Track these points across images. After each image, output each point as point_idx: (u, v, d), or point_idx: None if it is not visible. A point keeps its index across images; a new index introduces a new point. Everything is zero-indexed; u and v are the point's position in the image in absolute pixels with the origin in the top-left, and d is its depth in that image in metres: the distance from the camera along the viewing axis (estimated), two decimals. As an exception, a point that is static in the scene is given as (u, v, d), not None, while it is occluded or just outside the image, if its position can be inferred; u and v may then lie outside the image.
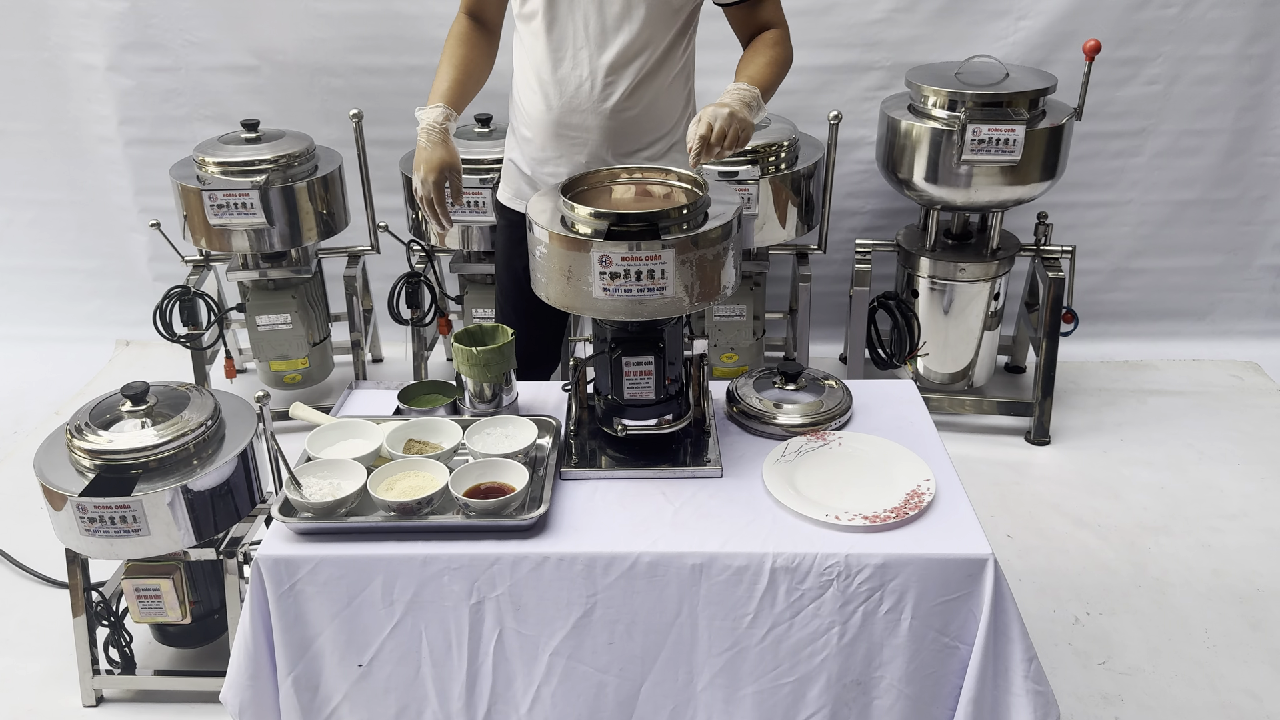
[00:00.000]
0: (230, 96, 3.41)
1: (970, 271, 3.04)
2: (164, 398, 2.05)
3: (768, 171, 2.88)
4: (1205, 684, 2.22)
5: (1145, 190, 3.47)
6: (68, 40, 3.40)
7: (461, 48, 2.07)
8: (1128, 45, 3.25)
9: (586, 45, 1.97)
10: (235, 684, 1.60)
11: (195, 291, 3.14)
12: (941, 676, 1.54)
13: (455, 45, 2.08)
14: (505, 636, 1.57)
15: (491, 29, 2.14)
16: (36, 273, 3.82)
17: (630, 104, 2.03)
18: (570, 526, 1.59)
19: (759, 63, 2.00)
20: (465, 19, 2.12)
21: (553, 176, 2.08)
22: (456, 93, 2.02)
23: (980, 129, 2.76)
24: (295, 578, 1.55)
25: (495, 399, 1.87)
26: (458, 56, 2.06)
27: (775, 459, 1.72)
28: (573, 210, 1.62)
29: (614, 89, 2.00)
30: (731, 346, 3.23)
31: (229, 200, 2.92)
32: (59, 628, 2.38)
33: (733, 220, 1.64)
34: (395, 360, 3.71)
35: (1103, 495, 2.86)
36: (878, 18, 3.22)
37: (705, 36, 2.19)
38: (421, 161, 1.98)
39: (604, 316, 1.65)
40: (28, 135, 3.59)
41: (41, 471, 1.98)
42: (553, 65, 2.00)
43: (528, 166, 2.14)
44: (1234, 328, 3.67)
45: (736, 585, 1.53)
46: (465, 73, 2.05)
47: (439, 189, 1.98)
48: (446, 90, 2.01)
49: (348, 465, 1.68)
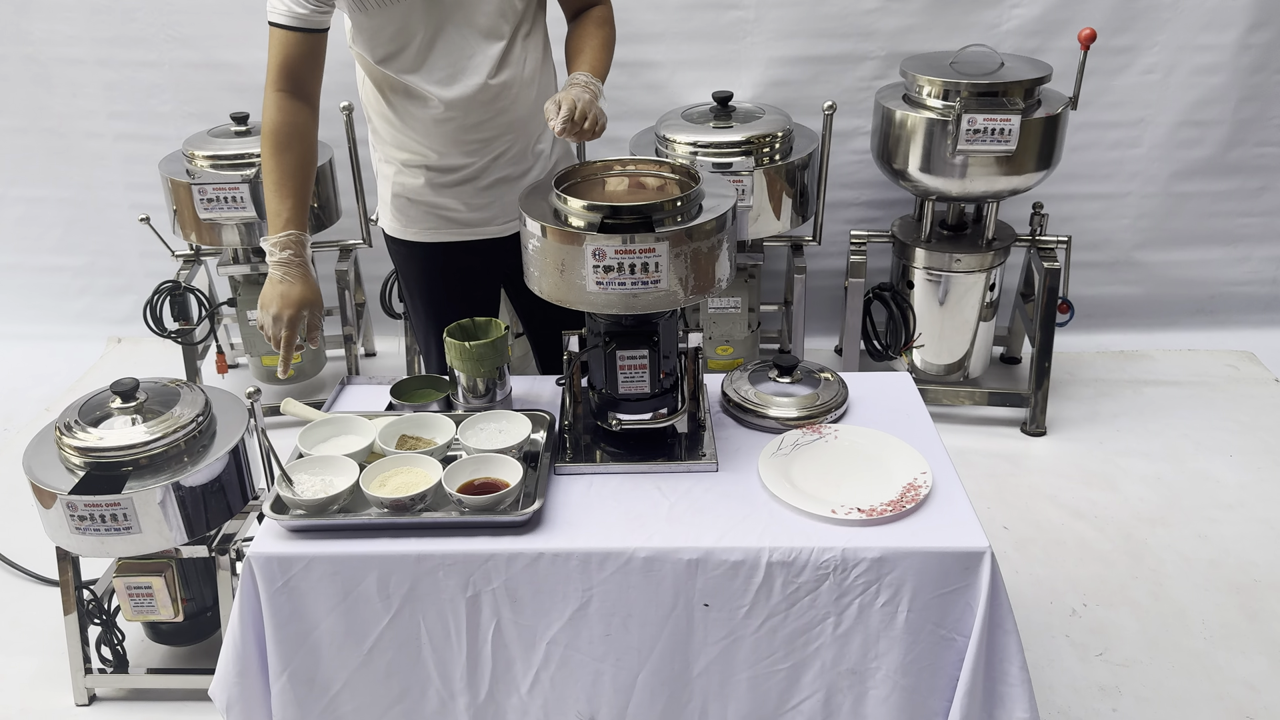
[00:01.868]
0: (215, 93, 3.38)
1: (966, 262, 3.03)
2: (154, 394, 2.03)
3: (762, 163, 2.86)
4: (1202, 675, 2.21)
5: (1144, 182, 3.46)
6: (51, 34, 3.37)
7: (288, 152, 1.85)
8: (1123, 33, 3.23)
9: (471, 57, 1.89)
10: (223, 680, 1.60)
11: (186, 286, 3.12)
12: (937, 668, 1.54)
13: (278, 149, 1.84)
14: (503, 626, 1.57)
15: (313, 103, 1.90)
16: (25, 270, 3.80)
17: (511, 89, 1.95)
18: (565, 522, 1.58)
19: (593, 46, 1.94)
20: (280, 97, 1.85)
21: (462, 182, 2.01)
22: (301, 215, 1.85)
23: (975, 119, 2.75)
24: (288, 575, 1.54)
25: (489, 394, 1.85)
26: (287, 165, 1.85)
27: (771, 453, 1.71)
28: (565, 203, 1.60)
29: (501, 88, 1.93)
30: (726, 339, 3.22)
31: (219, 194, 2.90)
32: (50, 626, 2.37)
33: (727, 212, 1.62)
34: (388, 355, 3.69)
35: (1099, 486, 2.86)
36: (872, 7, 3.21)
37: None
38: (277, 297, 1.81)
39: (598, 310, 1.63)
40: (13, 131, 3.56)
41: (31, 469, 1.96)
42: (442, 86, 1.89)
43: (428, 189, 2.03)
44: (1229, 318, 3.67)
45: (732, 579, 1.52)
46: (302, 180, 1.86)
47: (294, 328, 1.83)
48: (290, 213, 1.83)
49: (340, 461, 1.66)
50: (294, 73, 1.85)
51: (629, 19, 3.24)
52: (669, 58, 3.29)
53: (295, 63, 1.84)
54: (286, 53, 1.84)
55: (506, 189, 2.04)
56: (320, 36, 1.86)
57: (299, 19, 1.81)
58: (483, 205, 2.05)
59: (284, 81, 1.85)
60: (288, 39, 1.83)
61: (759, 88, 3.31)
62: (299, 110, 1.87)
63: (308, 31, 1.83)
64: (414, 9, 1.82)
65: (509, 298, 2.26)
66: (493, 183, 2.03)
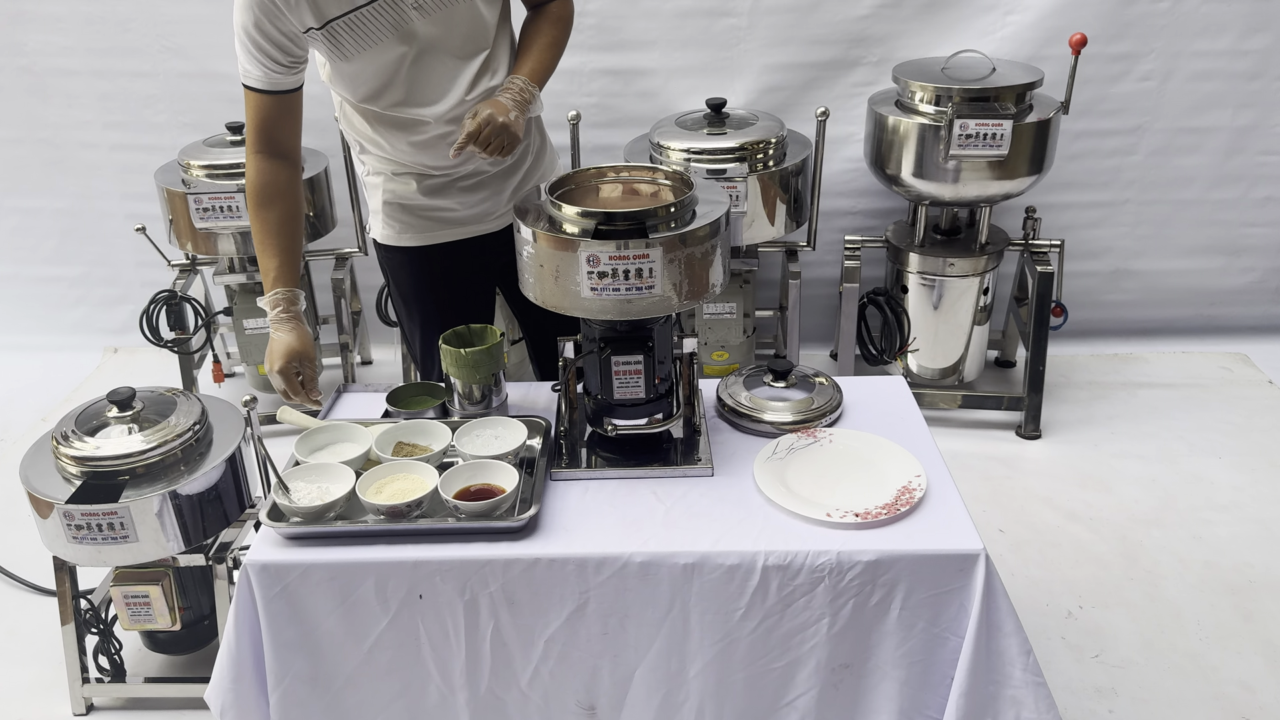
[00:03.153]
0: (209, 103, 3.39)
1: (959, 266, 3.04)
2: (150, 403, 2.03)
3: (756, 169, 2.88)
4: (1198, 676, 2.22)
5: (1141, 189, 3.46)
6: (46, 46, 3.38)
7: (270, 209, 1.88)
8: (1119, 41, 3.24)
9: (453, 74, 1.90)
10: (219, 686, 1.60)
11: (182, 296, 3.13)
12: (931, 665, 1.55)
13: (259, 207, 1.88)
14: (501, 627, 1.57)
15: (292, 159, 1.91)
16: (21, 280, 3.79)
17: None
18: (561, 527, 1.58)
19: (541, 45, 1.95)
20: (258, 159, 1.87)
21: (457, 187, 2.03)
22: (289, 271, 1.88)
23: (967, 124, 2.76)
24: (285, 582, 1.54)
25: (485, 400, 1.86)
26: (270, 222, 1.88)
27: (766, 457, 1.72)
28: (560, 210, 1.61)
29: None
30: (722, 344, 3.23)
31: (214, 203, 2.91)
32: (48, 636, 2.36)
33: (720, 218, 1.63)
34: (384, 362, 3.69)
35: (1094, 488, 2.87)
36: (864, 13, 3.22)
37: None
38: (269, 353, 1.86)
39: (592, 316, 1.64)
40: (8, 142, 3.56)
41: (28, 479, 1.96)
42: (426, 109, 1.91)
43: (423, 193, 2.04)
44: (1223, 320, 3.68)
45: (728, 583, 1.53)
46: (286, 236, 1.89)
47: (289, 378, 1.85)
48: (277, 271, 1.87)
49: (336, 469, 1.67)
50: (271, 135, 1.87)
51: (622, 27, 3.26)
52: (662, 65, 3.31)
53: (271, 124, 1.86)
54: (262, 115, 1.85)
55: (497, 183, 2.06)
56: (295, 95, 1.87)
57: (271, 82, 1.82)
58: (475, 202, 2.06)
59: (261, 144, 1.87)
60: (262, 102, 1.84)
61: (752, 94, 3.33)
62: (278, 169, 1.88)
63: (281, 93, 1.84)
64: (391, 47, 1.83)
65: (505, 299, 2.27)
66: (482, 180, 2.04)
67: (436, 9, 1.82)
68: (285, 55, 1.80)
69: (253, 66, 1.80)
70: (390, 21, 1.80)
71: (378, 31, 1.80)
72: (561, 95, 3.21)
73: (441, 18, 1.83)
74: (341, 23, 1.78)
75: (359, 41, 1.80)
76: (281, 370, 1.84)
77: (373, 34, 1.80)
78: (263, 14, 1.75)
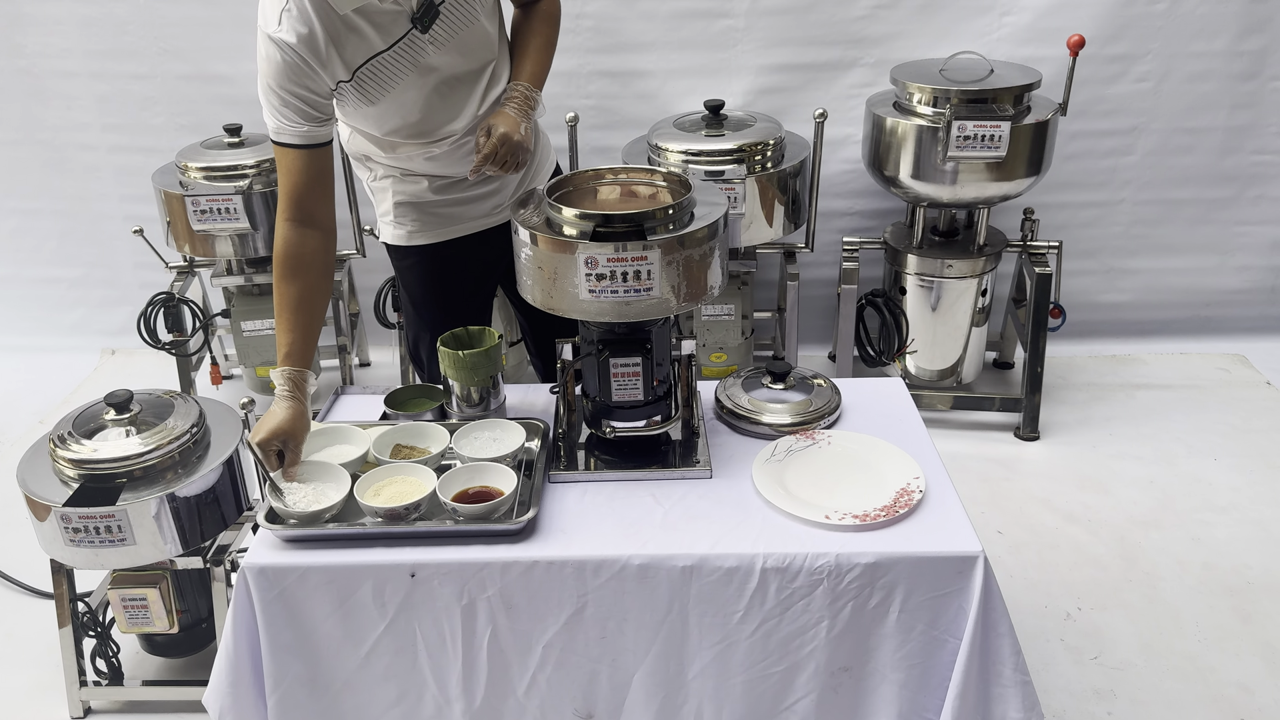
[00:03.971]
0: (207, 105, 3.38)
1: (957, 268, 3.04)
2: (148, 406, 2.03)
3: (754, 170, 2.87)
4: (1197, 677, 2.22)
5: (1138, 189, 3.47)
6: (44, 48, 3.37)
7: (294, 282, 1.79)
8: (1116, 42, 3.25)
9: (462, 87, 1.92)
10: (217, 690, 1.60)
11: (180, 298, 3.12)
12: (930, 667, 1.55)
13: (284, 278, 1.79)
14: (498, 632, 1.57)
15: (325, 227, 1.84)
16: (19, 282, 3.79)
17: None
18: (560, 530, 1.58)
19: (537, 47, 1.96)
20: (288, 228, 1.80)
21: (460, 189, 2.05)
22: (302, 350, 1.79)
23: (965, 125, 2.76)
24: (283, 585, 1.54)
25: (483, 402, 1.86)
26: (291, 296, 1.79)
27: (765, 459, 1.72)
28: (558, 212, 1.61)
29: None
30: (720, 346, 3.22)
31: (212, 205, 2.90)
32: (45, 639, 2.36)
33: (718, 220, 1.63)
34: (382, 364, 3.69)
35: (1092, 490, 2.87)
36: (862, 14, 3.22)
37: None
38: (259, 422, 1.74)
39: (591, 318, 1.64)
40: (7, 144, 3.56)
41: (25, 482, 1.96)
42: (442, 128, 1.93)
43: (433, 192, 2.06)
44: (1221, 321, 3.68)
45: (727, 585, 1.53)
46: (306, 313, 1.80)
47: (268, 454, 1.68)
48: (289, 348, 1.78)
49: (332, 469, 1.66)
50: (303, 200, 1.80)
51: (620, 28, 3.26)
52: (660, 67, 3.31)
53: (305, 189, 1.80)
54: (295, 179, 1.79)
55: (503, 178, 2.09)
56: (327, 151, 1.83)
57: (308, 136, 1.78)
58: (482, 196, 2.09)
59: (294, 211, 1.80)
60: (297, 161, 1.79)
61: (750, 96, 3.33)
62: (308, 239, 1.81)
63: (315, 147, 1.80)
64: (413, 83, 1.85)
65: (508, 297, 2.27)
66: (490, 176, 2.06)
67: (450, 39, 1.84)
68: (318, 110, 1.79)
69: (287, 123, 1.76)
70: (409, 59, 1.82)
71: (399, 72, 1.82)
72: (560, 97, 3.21)
73: (455, 45, 1.85)
74: (366, 70, 1.79)
75: (382, 86, 1.82)
76: (261, 444, 1.68)
77: (395, 75, 1.82)
78: (293, 75, 1.73)
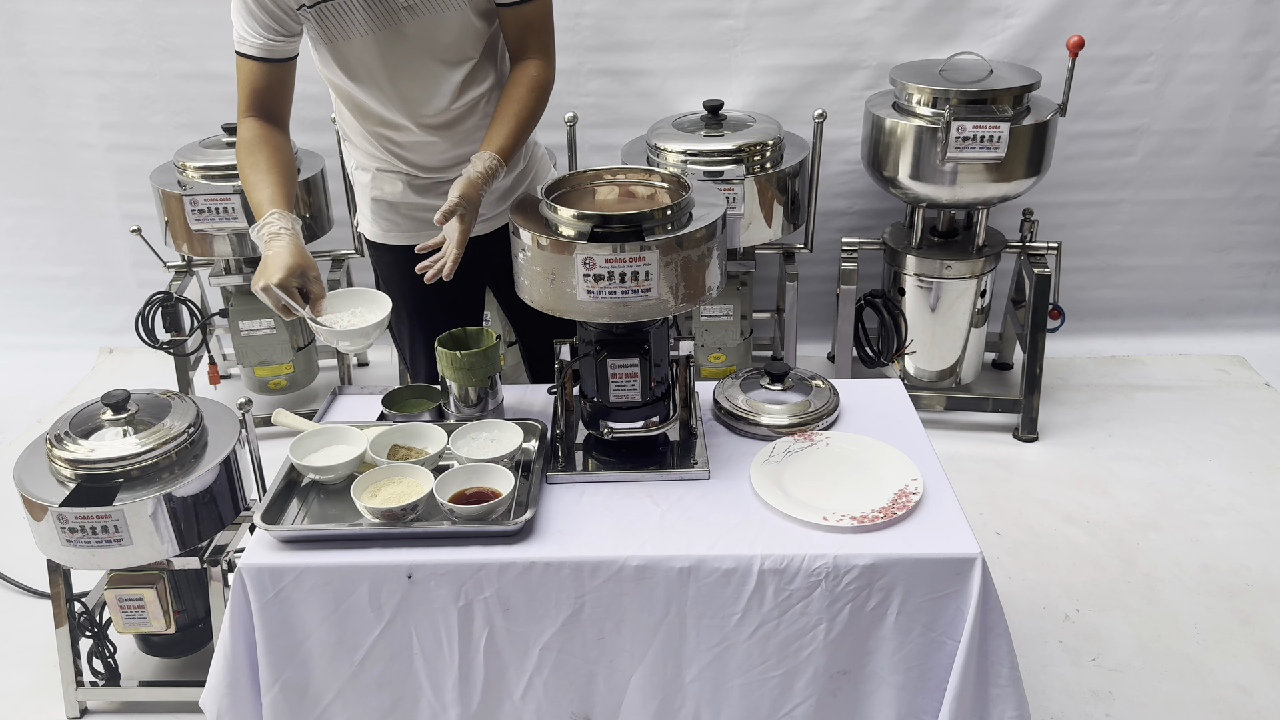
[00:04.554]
0: (206, 104, 3.38)
1: (957, 269, 3.04)
2: (145, 405, 2.03)
3: (753, 171, 2.87)
4: (1195, 679, 2.22)
5: (1138, 190, 3.47)
6: (44, 46, 3.37)
7: (259, 153, 1.81)
8: (1118, 43, 3.24)
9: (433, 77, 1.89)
10: (214, 691, 1.60)
11: (178, 297, 3.12)
12: (928, 669, 1.55)
13: (249, 152, 1.81)
14: (495, 634, 1.57)
15: (283, 125, 1.88)
16: (18, 280, 3.79)
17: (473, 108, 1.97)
18: (557, 531, 1.58)
19: (514, 115, 1.84)
20: (250, 121, 1.85)
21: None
22: (280, 193, 1.77)
23: (965, 126, 2.76)
24: (280, 586, 1.53)
25: (480, 403, 1.85)
26: (260, 161, 1.80)
27: (763, 460, 1.71)
28: (556, 212, 1.61)
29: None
30: (718, 347, 3.22)
31: (210, 205, 2.90)
32: (42, 639, 2.36)
33: (717, 221, 1.63)
34: (380, 365, 3.69)
35: (1091, 491, 2.86)
36: (863, 16, 3.22)
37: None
38: (260, 270, 1.68)
39: (589, 319, 1.64)
40: (6, 142, 3.55)
41: (21, 482, 1.95)
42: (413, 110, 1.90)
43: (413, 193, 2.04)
44: (1220, 322, 3.68)
45: (724, 587, 1.52)
46: (278, 170, 1.80)
47: (289, 290, 1.66)
48: (265, 195, 1.76)
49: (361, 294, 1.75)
50: (263, 102, 1.86)
51: (619, 27, 3.26)
52: (660, 66, 3.30)
53: (264, 92, 1.85)
54: (254, 84, 1.84)
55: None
56: (288, 65, 1.86)
57: (268, 50, 1.81)
58: None
59: (253, 109, 1.86)
60: (256, 70, 1.83)
61: (749, 96, 3.32)
62: (270, 129, 1.86)
63: (275, 61, 1.83)
64: (378, 40, 1.82)
65: (499, 303, 2.26)
66: None
67: (427, 11, 1.81)
68: (281, 26, 1.80)
69: (250, 34, 1.80)
70: (379, 15, 1.80)
71: (365, 22, 1.80)
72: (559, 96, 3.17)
73: (430, 21, 1.82)
74: (330, 7, 1.78)
75: (345, 28, 1.81)
76: (281, 284, 1.64)
77: (360, 23, 1.80)
78: None
